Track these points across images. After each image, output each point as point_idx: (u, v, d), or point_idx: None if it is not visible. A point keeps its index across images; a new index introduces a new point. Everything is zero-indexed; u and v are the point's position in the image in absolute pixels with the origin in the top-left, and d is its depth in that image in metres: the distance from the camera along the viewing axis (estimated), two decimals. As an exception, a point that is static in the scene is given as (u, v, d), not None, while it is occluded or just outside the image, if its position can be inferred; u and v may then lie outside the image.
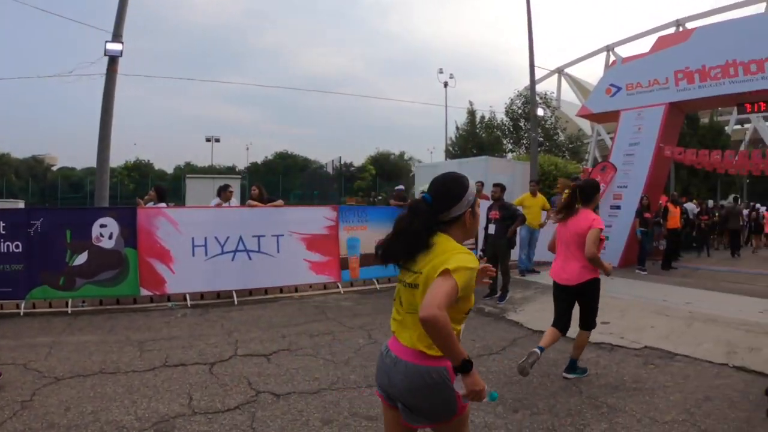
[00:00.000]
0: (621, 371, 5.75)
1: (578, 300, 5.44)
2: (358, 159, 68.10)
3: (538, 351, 5.08)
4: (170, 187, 36.39)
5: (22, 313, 8.06)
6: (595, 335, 5.96)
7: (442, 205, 2.41)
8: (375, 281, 10.54)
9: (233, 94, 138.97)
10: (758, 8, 37.19)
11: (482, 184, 13.89)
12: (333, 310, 8.50)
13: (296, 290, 9.78)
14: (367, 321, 7.72)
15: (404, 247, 2.42)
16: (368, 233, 10.43)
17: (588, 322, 5.46)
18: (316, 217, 10.02)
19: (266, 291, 9.58)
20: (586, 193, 5.37)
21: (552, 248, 5.56)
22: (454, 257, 2.22)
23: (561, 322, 5.46)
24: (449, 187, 2.45)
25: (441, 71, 38.71)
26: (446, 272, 2.16)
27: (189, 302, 8.74)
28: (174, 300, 8.86)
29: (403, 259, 2.46)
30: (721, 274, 13.94)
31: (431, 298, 2.07)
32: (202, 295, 9.07)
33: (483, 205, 11.34)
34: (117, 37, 13.14)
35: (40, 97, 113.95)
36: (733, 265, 15.93)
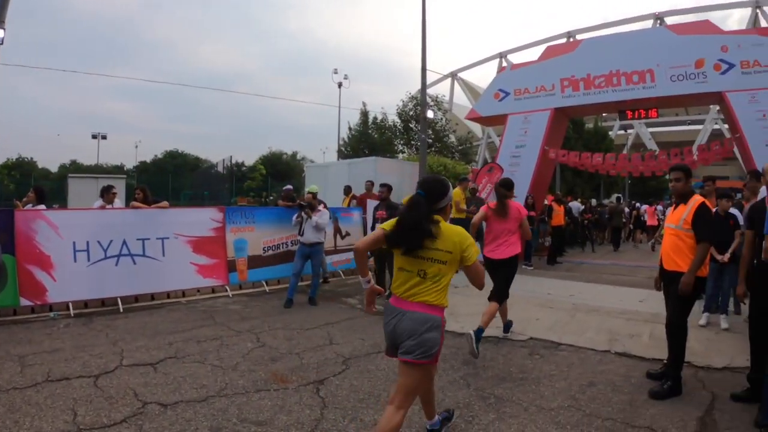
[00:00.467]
0: (508, 363, 5.94)
1: (505, 271, 6.65)
2: (251, 159, 67.10)
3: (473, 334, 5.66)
4: (54, 188, 34.66)
5: None
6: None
7: (434, 199, 3.45)
8: (264, 283, 10.36)
9: (122, 89, 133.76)
10: (646, 24, 39.58)
11: (372, 183, 14.11)
12: (221, 314, 8.29)
13: (183, 295, 9.45)
14: (255, 324, 7.59)
15: (416, 236, 3.36)
16: (255, 234, 10.28)
17: (503, 294, 6.64)
18: (202, 219, 9.75)
19: (153, 297, 9.20)
20: (509, 188, 6.51)
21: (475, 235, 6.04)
22: (469, 247, 3.43)
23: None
24: (439, 186, 3.52)
25: (336, 71, 38.73)
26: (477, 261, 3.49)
27: (72, 311, 8.25)
28: (56, 309, 8.34)
29: (415, 246, 3.37)
30: (603, 267, 14.75)
31: (480, 276, 3.59)
32: (85, 304, 8.59)
33: (370, 204, 11.55)
34: None
35: None
36: (615, 259, 16.81)
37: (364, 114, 37.99)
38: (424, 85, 18.30)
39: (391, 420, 3.32)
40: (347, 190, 14.33)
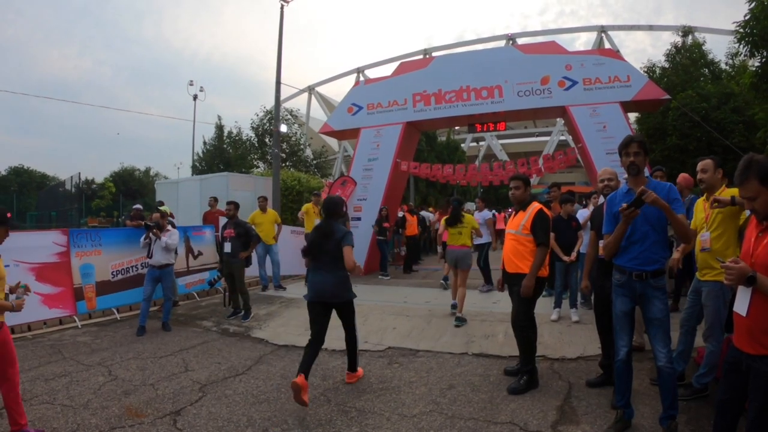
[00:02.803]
0: (367, 374, 5.99)
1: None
2: (101, 175, 63.40)
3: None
4: None
5: None
6: (339, 342, 6.12)
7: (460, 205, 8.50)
8: (114, 311, 9.72)
9: None
10: (500, 44, 41.72)
11: (216, 200, 14.03)
12: (69, 347, 7.65)
13: (29, 329, 8.65)
14: (106, 356, 7.07)
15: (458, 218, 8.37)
16: (103, 258, 9.67)
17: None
18: (45, 243, 9.00)
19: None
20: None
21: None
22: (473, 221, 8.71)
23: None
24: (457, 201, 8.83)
25: (191, 83, 37.49)
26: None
27: None
28: None
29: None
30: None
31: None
32: None
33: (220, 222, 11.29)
34: None
35: None
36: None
37: (219, 128, 37.10)
38: (278, 99, 18.17)
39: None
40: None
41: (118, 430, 4.61)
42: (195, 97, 37.43)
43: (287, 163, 30.50)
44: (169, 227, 8.96)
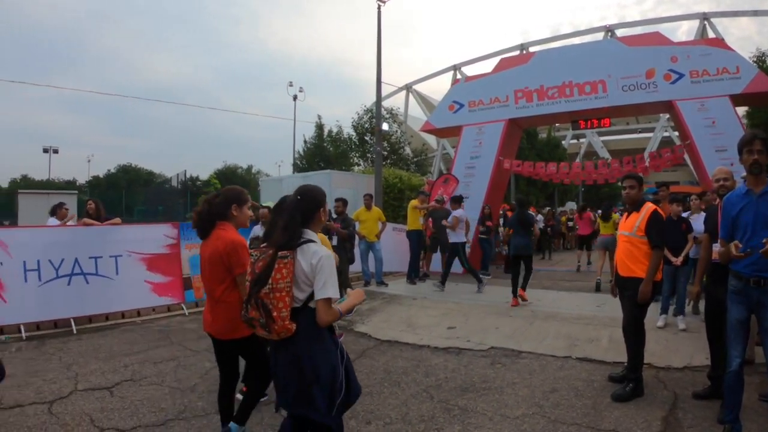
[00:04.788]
0: (470, 373, 5.93)
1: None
2: (205, 172, 66.11)
3: None
4: (4, 204, 33.73)
5: None
6: (442, 340, 6.14)
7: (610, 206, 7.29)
8: None
9: (71, 102, 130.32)
10: (597, 36, 40.60)
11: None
12: (177, 333, 8.07)
13: (139, 314, 9.17)
14: (211, 343, 7.34)
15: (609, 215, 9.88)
16: (210, 250, 10.03)
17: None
18: (156, 236, 9.50)
19: (107, 317, 8.92)
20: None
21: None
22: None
23: None
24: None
25: (291, 84, 38.46)
26: None
27: (24, 334, 7.96)
28: (7, 332, 8.04)
29: None
30: (559, 273, 14.89)
31: None
32: (38, 326, 8.31)
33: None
34: None
35: None
36: (571, 265, 16.93)
37: (319, 127, 37.90)
38: (379, 97, 18.35)
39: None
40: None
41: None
42: (295, 98, 38.37)
43: (388, 161, 30.74)
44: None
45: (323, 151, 36.47)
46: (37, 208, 22.12)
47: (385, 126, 20.81)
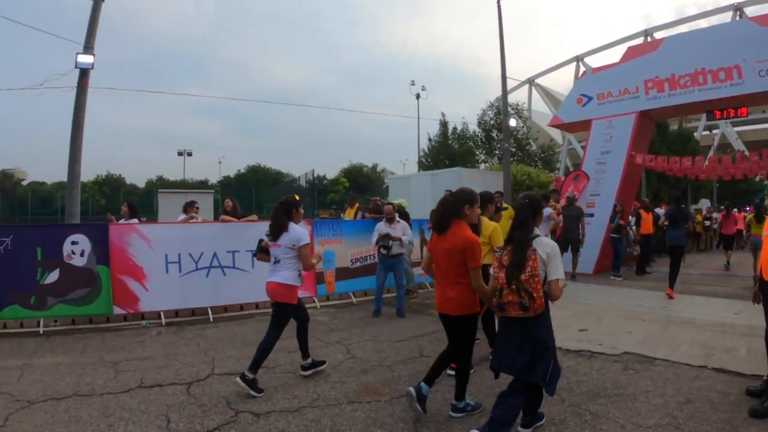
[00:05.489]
0: (602, 378, 5.74)
1: None
2: (331, 172, 67.74)
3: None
4: (142, 203, 35.95)
5: None
6: (573, 343, 5.97)
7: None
8: (351, 295, 10.39)
9: (201, 108, 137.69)
10: (724, 18, 38.06)
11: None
12: (309, 325, 8.26)
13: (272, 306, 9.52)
14: (344, 336, 7.62)
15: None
16: (343, 247, 10.36)
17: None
18: (291, 232, 9.78)
19: (242, 307, 9.43)
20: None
21: None
22: None
23: None
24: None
25: (413, 83, 38.75)
26: None
27: (163, 320, 8.58)
28: (148, 318, 8.69)
29: None
30: (694, 276, 14.11)
31: None
32: (176, 313, 8.91)
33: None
34: (88, 49, 12.99)
35: (9, 110, 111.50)
36: (704, 269, 16.06)
37: (443, 125, 37.87)
38: (504, 93, 18.14)
39: None
40: (351, 201, 13.76)
41: (356, 405, 4.91)
42: (418, 96, 38.50)
43: (515, 158, 30.30)
44: (398, 219, 9.30)
45: (448, 149, 36.40)
46: (176, 206, 23.56)
47: (512, 122, 20.53)
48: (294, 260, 5.81)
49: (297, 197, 6.06)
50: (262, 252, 6.11)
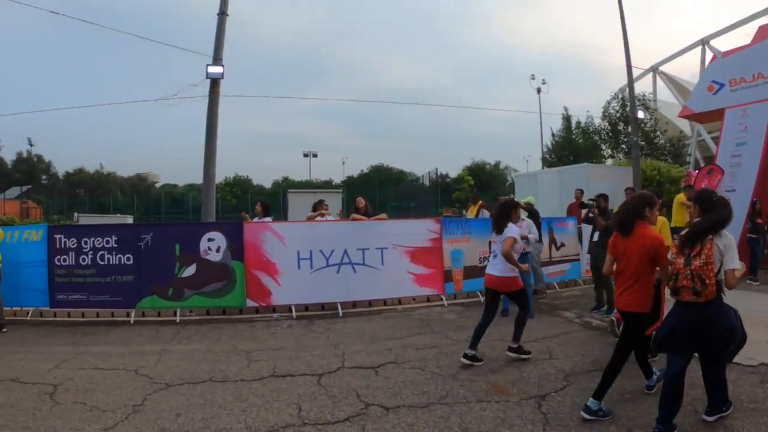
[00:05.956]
0: (737, 390, 5.38)
1: None
2: (453, 170, 67.31)
3: None
4: (270, 202, 37.40)
5: (132, 321, 8.77)
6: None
7: None
8: (479, 294, 10.21)
9: (320, 110, 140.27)
10: None
11: (582, 191, 13.56)
12: (437, 323, 8.42)
13: (399, 303, 9.78)
14: (472, 334, 7.53)
15: None
16: (471, 245, 10.29)
17: None
18: (420, 230, 9.96)
19: (370, 303, 9.66)
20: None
21: None
22: None
23: None
24: None
25: (533, 77, 38.05)
26: None
27: (294, 313, 8.98)
28: (279, 311, 9.14)
29: None
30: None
31: None
32: (306, 307, 9.31)
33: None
34: (217, 60, 14.01)
35: (143, 120, 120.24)
36: None
37: (566, 119, 37.00)
38: (631, 83, 17.51)
39: None
40: (474, 199, 13.37)
41: (485, 404, 4.91)
42: (539, 91, 37.69)
43: (643, 152, 29.02)
44: (523, 218, 9.14)
45: (572, 144, 35.50)
46: (305, 205, 24.38)
47: (640, 113, 19.70)
48: None
49: (514, 199, 7.11)
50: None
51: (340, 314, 9.01)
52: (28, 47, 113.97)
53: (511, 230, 6.38)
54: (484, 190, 47.75)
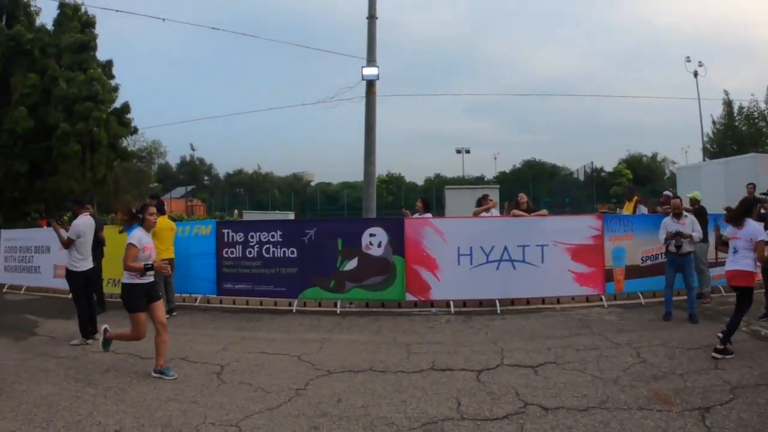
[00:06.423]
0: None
1: None
2: (608, 163, 64.20)
3: None
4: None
5: (294, 311, 9.37)
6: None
7: None
8: (639, 295, 9.71)
9: (470, 106, 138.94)
10: None
11: (754, 186, 12.38)
12: (597, 324, 8.10)
13: (558, 301, 9.52)
14: (633, 338, 7.17)
15: None
16: (634, 243, 9.77)
17: None
18: (581, 227, 9.60)
19: (528, 301, 9.49)
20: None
21: None
22: None
23: None
24: None
25: (688, 59, 35.20)
26: None
27: (452, 309, 9.02)
28: (437, 306, 9.23)
29: None
30: None
31: None
32: (464, 303, 9.30)
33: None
34: (371, 62, 14.66)
35: (299, 122, 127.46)
36: None
37: (728, 104, 33.71)
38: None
39: None
40: (629, 194, 12.50)
41: (646, 412, 4.67)
42: (695, 74, 34.90)
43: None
44: (686, 214, 8.61)
45: (735, 132, 32.59)
46: (462, 201, 24.45)
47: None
48: (750, 251, 6.39)
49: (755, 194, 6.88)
50: (723, 245, 7.01)
51: (498, 311, 8.94)
52: (190, 60, 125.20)
53: (758, 230, 6.40)
54: (642, 184, 45.34)
